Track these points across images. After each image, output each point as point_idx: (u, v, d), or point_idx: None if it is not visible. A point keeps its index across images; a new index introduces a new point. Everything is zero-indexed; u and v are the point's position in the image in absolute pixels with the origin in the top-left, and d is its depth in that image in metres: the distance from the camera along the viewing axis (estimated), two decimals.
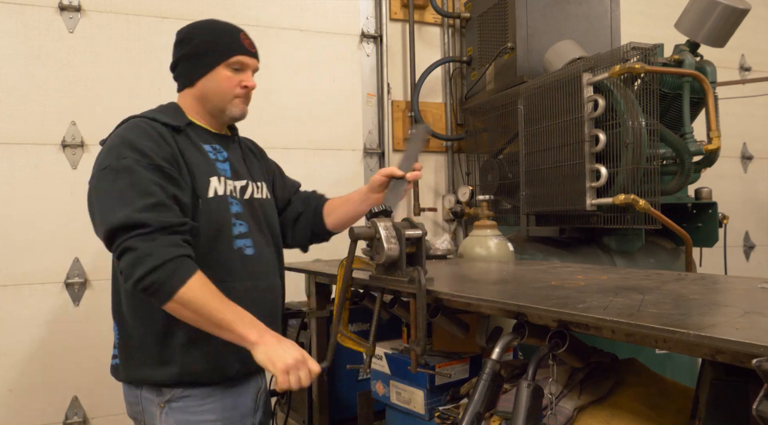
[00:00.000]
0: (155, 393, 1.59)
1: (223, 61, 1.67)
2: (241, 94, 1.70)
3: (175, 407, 1.58)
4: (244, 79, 1.70)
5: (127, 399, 1.68)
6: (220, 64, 1.67)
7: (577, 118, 2.25)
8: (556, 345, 1.17)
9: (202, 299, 1.42)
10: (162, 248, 1.41)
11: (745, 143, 4.11)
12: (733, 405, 1.00)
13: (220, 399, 1.61)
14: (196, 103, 1.71)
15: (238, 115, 1.73)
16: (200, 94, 1.70)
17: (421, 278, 1.39)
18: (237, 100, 1.71)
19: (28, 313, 2.62)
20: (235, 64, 1.68)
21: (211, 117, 1.73)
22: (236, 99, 1.70)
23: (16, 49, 2.64)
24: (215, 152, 1.70)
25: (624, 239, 2.50)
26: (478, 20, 3.22)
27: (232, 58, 1.67)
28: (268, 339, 1.44)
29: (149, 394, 1.60)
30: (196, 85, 1.70)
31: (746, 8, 2.41)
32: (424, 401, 1.67)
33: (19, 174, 2.62)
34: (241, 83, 1.69)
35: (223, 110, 1.70)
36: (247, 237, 1.68)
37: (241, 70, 1.69)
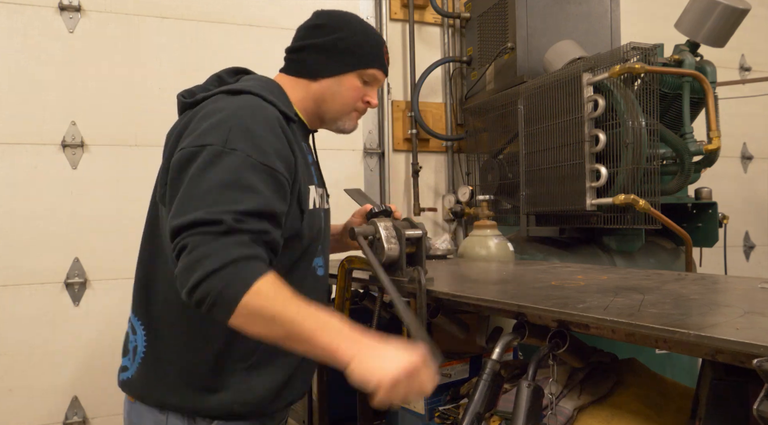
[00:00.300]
0: (188, 421, 1.31)
1: (360, 70, 1.48)
2: (361, 109, 1.54)
3: None
4: (370, 95, 1.53)
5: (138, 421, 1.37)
6: (354, 71, 1.48)
7: (577, 118, 2.25)
8: (556, 345, 1.17)
9: (275, 306, 1.09)
10: (223, 249, 1.11)
11: (745, 143, 4.11)
12: (733, 405, 1.00)
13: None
14: (307, 99, 1.49)
15: (350, 129, 1.55)
16: (318, 93, 1.48)
17: (421, 278, 1.39)
18: (355, 114, 1.54)
19: (28, 313, 2.62)
20: (369, 77, 1.50)
21: (316, 119, 1.53)
22: (355, 113, 1.53)
23: (16, 49, 2.64)
24: (308, 152, 1.49)
25: (624, 239, 2.50)
26: (478, 20, 3.22)
27: (370, 70, 1.50)
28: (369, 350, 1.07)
29: (177, 420, 1.31)
30: (319, 82, 1.47)
31: (746, 8, 2.41)
32: (424, 401, 1.67)
33: (19, 174, 2.62)
34: (365, 98, 1.52)
35: (337, 119, 1.52)
36: (321, 255, 1.47)
37: (370, 85, 1.52)
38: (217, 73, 1.50)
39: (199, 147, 1.22)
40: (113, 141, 2.77)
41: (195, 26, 2.92)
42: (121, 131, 2.77)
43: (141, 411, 1.35)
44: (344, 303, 1.67)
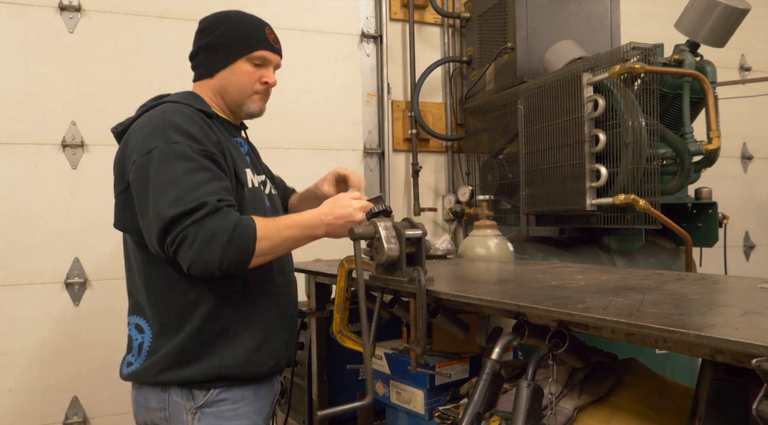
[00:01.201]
0: (186, 396, 1.50)
1: (246, 55, 1.61)
2: (260, 90, 1.65)
3: (208, 412, 1.50)
4: (266, 75, 1.64)
5: (145, 403, 1.55)
6: (242, 58, 1.61)
7: (577, 118, 2.25)
8: (555, 345, 1.17)
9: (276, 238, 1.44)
10: (221, 222, 1.37)
11: (745, 143, 4.11)
12: (733, 405, 1.00)
13: (252, 402, 1.57)
14: (214, 95, 1.65)
15: (256, 111, 1.68)
16: (219, 87, 1.64)
17: (421, 278, 1.39)
18: (256, 97, 1.65)
19: (28, 313, 2.62)
20: (258, 59, 1.62)
21: (227, 110, 1.68)
22: (255, 95, 1.65)
23: (16, 49, 2.64)
24: (239, 145, 1.67)
25: (624, 239, 2.50)
26: (478, 20, 3.22)
27: (255, 53, 1.61)
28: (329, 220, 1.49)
29: (179, 398, 1.50)
30: (215, 77, 1.63)
31: (746, 8, 2.41)
32: (424, 401, 1.67)
33: (19, 174, 2.62)
34: (262, 79, 1.64)
35: (241, 105, 1.65)
36: None
37: (262, 66, 1.64)
38: (143, 103, 1.67)
39: (147, 153, 1.44)
40: (113, 141, 2.74)
41: (195, 26, 2.90)
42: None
43: (146, 393, 1.55)
44: (344, 303, 1.67)
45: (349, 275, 1.66)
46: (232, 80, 1.62)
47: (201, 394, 1.50)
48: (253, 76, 1.63)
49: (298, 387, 2.28)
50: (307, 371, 2.19)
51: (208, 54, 1.64)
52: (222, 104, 1.66)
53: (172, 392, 1.51)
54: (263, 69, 1.64)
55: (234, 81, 1.62)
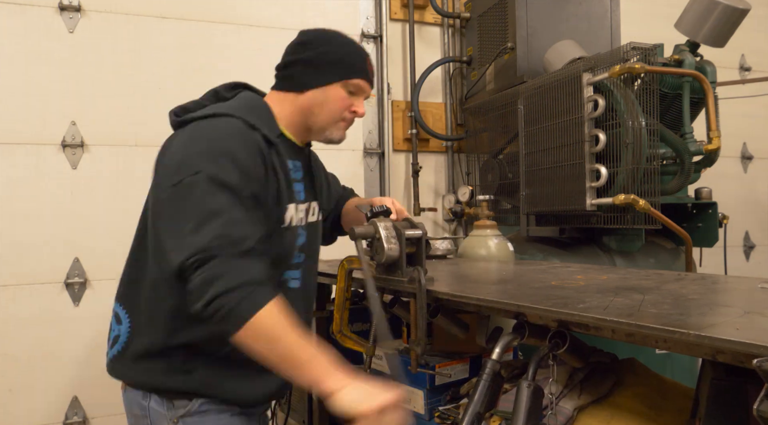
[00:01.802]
0: (166, 406, 1.43)
1: (345, 80, 1.54)
2: (348, 118, 1.59)
3: (189, 422, 1.43)
4: (356, 105, 1.58)
5: (130, 409, 1.50)
6: (339, 82, 1.54)
7: (577, 118, 2.25)
8: (556, 345, 1.17)
9: (277, 330, 1.23)
10: (241, 270, 1.25)
11: (745, 143, 4.11)
12: (733, 405, 1.00)
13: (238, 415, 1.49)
14: (296, 113, 1.56)
15: (337, 139, 1.60)
16: (306, 106, 1.54)
17: (421, 278, 1.39)
18: (342, 124, 1.59)
19: (28, 313, 2.62)
20: (354, 87, 1.56)
21: (305, 131, 1.59)
22: (342, 122, 1.58)
23: (16, 49, 2.64)
24: (295, 170, 1.56)
25: (624, 239, 2.50)
26: (478, 20, 3.22)
27: (353, 80, 1.55)
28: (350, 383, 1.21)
29: (159, 407, 1.44)
30: (306, 94, 1.54)
31: (746, 8, 2.41)
32: (424, 401, 1.67)
33: (19, 174, 2.62)
34: (352, 108, 1.58)
35: (325, 129, 1.57)
36: (298, 268, 1.55)
37: (355, 95, 1.58)
38: (215, 89, 1.59)
39: (193, 175, 1.33)
40: (113, 141, 2.77)
41: (195, 26, 2.92)
42: (121, 131, 2.78)
43: (130, 398, 1.48)
44: (344, 303, 1.67)
45: (349, 275, 1.66)
46: (323, 102, 1.54)
47: (182, 404, 1.43)
48: (345, 102, 1.56)
49: (298, 387, 2.28)
50: None
51: (305, 68, 1.54)
52: (300, 123, 1.57)
53: (152, 400, 1.44)
54: (355, 98, 1.58)
55: (325, 103, 1.54)
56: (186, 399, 1.43)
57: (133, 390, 1.47)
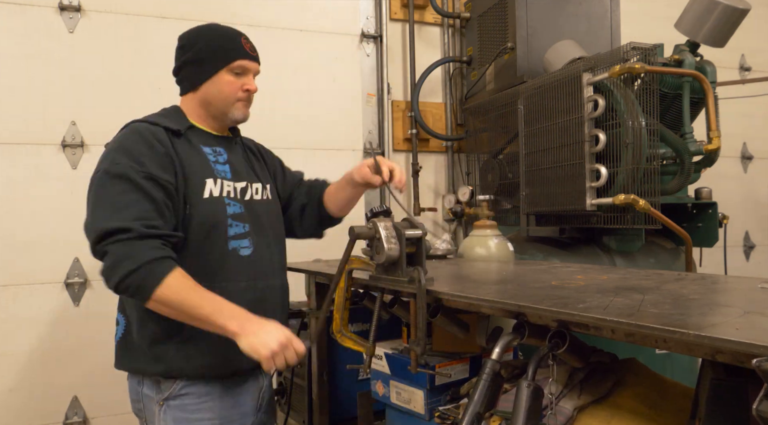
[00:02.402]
0: (155, 390, 1.62)
1: (225, 66, 1.69)
2: (243, 97, 1.73)
3: (173, 405, 1.60)
4: (246, 83, 1.73)
5: (130, 395, 1.70)
6: (222, 69, 1.69)
7: (577, 118, 2.25)
8: (556, 345, 1.17)
9: (180, 296, 1.46)
10: (140, 252, 1.45)
11: (745, 143, 4.11)
12: (733, 405, 1.00)
13: (219, 398, 1.63)
14: (198, 107, 1.74)
15: (240, 118, 1.76)
16: (203, 99, 1.72)
17: (421, 278, 1.39)
18: (239, 104, 1.74)
19: (28, 313, 2.62)
20: (237, 69, 1.71)
21: (213, 120, 1.76)
22: (239, 102, 1.73)
23: (16, 49, 2.64)
24: (215, 154, 1.73)
25: (624, 239, 2.50)
26: (478, 20, 3.22)
27: (233, 63, 1.70)
28: (248, 327, 1.46)
29: (149, 391, 1.63)
30: (199, 90, 1.72)
31: (746, 8, 2.41)
32: (424, 401, 1.67)
33: (19, 174, 2.62)
34: (243, 87, 1.72)
35: (226, 113, 1.73)
36: (244, 238, 1.69)
37: (242, 74, 1.72)
38: None
39: (95, 173, 1.58)
40: None
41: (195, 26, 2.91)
42: None
43: (130, 385, 1.70)
44: (344, 303, 1.67)
45: (349, 275, 1.66)
46: (216, 91, 1.71)
47: (166, 387, 1.61)
48: (234, 85, 1.71)
49: (298, 387, 2.28)
50: (307, 371, 2.19)
51: (190, 69, 1.73)
52: (206, 115, 1.75)
53: (144, 385, 1.64)
54: (243, 77, 1.73)
55: (217, 91, 1.71)
56: (170, 382, 1.60)
57: (131, 377, 1.69)
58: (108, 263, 1.46)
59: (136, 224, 1.46)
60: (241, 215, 1.70)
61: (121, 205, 1.49)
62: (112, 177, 1.52)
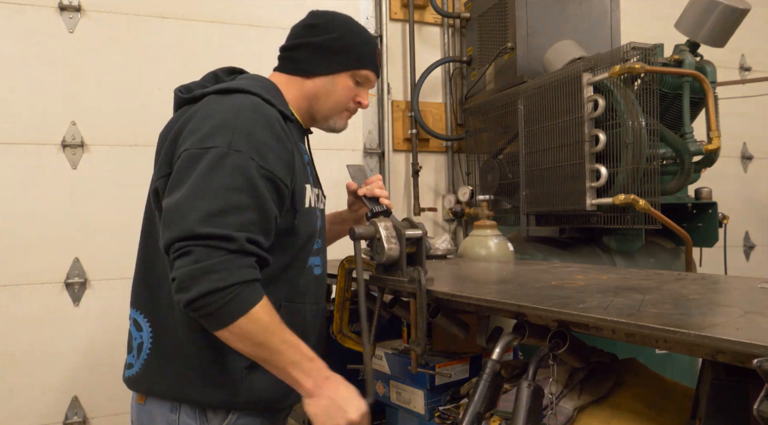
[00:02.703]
0: (200, 419, 1.33)
1: (353, 70, 1.52)
2: (352, 109, 1.58)
3: None
4: (361, 96, 1.57)
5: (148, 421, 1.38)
6: (348, 71, 1.52)
7: (577, 118, 2.25)
8: (556, 345, 1.17)
9: (263, 334, 1.21)
10: (234, 269, 1.18)
11: (745, 143, 4.11)
12: (733, 405, 1.00)
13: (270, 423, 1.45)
14: (301, 97, 1.52)
15: (340, 128, 1.60)
16: (312, 91, 1.52)
17: (421, 278, 1.39)
18: (346, 114, 1.58)
19: (28, 313, 2.62)
20: (362, 78, 1.55)
21: (308, 117, 1.56)
22: (346, 112, 1.58)
23: (16, 49, 2.64)
24: (304, 152, 1.52)
25: (624, 239, 2.50)
26: (478, 20, 3.22)
27: (363, 71, 1.54)
28: (324, 393, 1.26)
29: (190, 419, 1.33)
30: (313, 80, 1.51)
31: (746, 8, 2.41)
32: (424, 401, 1.67)
33: (19, 174, 2.62)
34: (357, 99, 1.57)
35: (329, 118, 1.56)
36: (319, 254, 1.52)
37: (362, 85, 1.56)
38: (214, 71, 1.53)
39: (203, 150, 1.25)
40: (113, 141, 2.77)
41: (195, 26, 2.92)
42: (121, 131, 2.78)
43: (152, 412, 1.37)
44: (344, 303, 1.67)
45: (349, 275, 1.66)
46: (330, 90, 1.52)
47: (217, 417, 1.34)
48: (351, 92, 1.54)
49: None
50: None
51: (314, 54, 1.50)
52: (305, 108, 1.54)
53: (182, 412, 1.33)
54: (361, 89, 1.57)
55: (332, 92, 1.52)
56: (223, 412, 1.34)
57: (157, 402, 1.36)
58: (188, 270, 1.16)
59: (240, 236, 1.20)
60: (322, 229, 1.52)
61: (229, 206, 1.21)
62: (227, 164, 1.23)
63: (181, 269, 1.17)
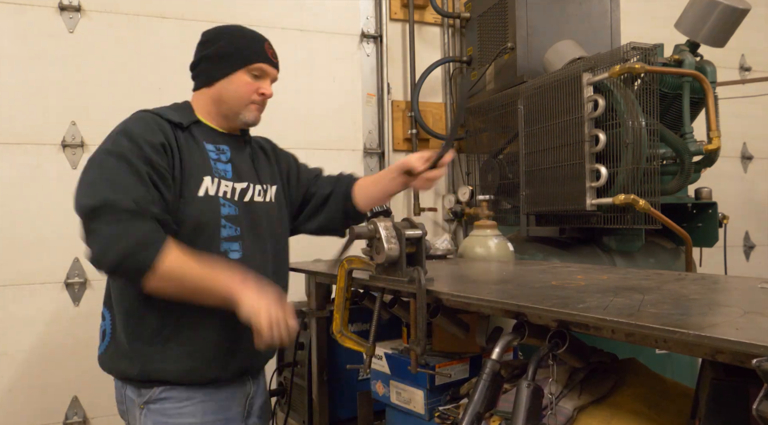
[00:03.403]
0: (136, 393, 1.61)
1: (245, 67, 1.68)
2: (257, 100, 1.72)
3: (153, 409, 1.59)
4: (263, 87, 1.72)
5: (116, 397, 1.69)
6: (241, 69, 1.68)
7: (577, 118, 2.25)
8: (556, 345, 1.17)
9: (182, 267, 1.45)
10: (136, 229, 1.43)
11: (745, 143, 4.11)
12: (733, 405, 1.00)
13: (201, 402, 1.61)
14: (210, 104, 1.72)
15: (251, 120, 1.75)
16: (217, 96, 1.70)
17: (421, 278, 1.39)
18: (252, 106, 1.72)
19: (28, 313, 2.62)
20: (256, 71, 1.70)
21: (223, 119, 1.74)
22: (252, 105, 1.72)
23: (16, 49, 2.64)
24: (218, 152, 1.70)
25: (624, 239, 2.50)
26: (478, 20, 3.22)
27: (253, 65, 1.69)
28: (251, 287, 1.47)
29: (132, 394, 1.62)
30: (214, 86, 1.70)
31: (746, 8, 2.41)
32: (424, 401, 1.67)
33: (19, 174, 2.62)
34: (259, 90, 1.71)
35: (238, 114, 1.72)
36: (236, 241, 1.65)
37: (260, 78, 1.71)
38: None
39: (96, 153, 1.54)
40: None
41: (195, 26, 2.89)
42: None
43: (116, 388, 1.68)
44: (344, 303, 1.67)
45: (349, 275, 1.66)
46: (231, 90, 1.69)
47: (146, 391, 1.59)
48: (251, 86, 1.70)
49: (298, 387, 2.28)
50: (307, 371, 2.19)
51: (208, 64, 1.71)
52: (216, 113, 1.73)
53: (127, 388, 1.63)
54: (261, 81, 1.72)
55: (233, 91, 1.69)
56: (149, 386, 1.59)
57: (116, 381, 1.67)
58: (98, 246, 1.44)
59: (131, 203, 1.44)
60: (235, 218, 1.66)
61: (118, 183, 1.46)
62: (111, 156, 1.50)
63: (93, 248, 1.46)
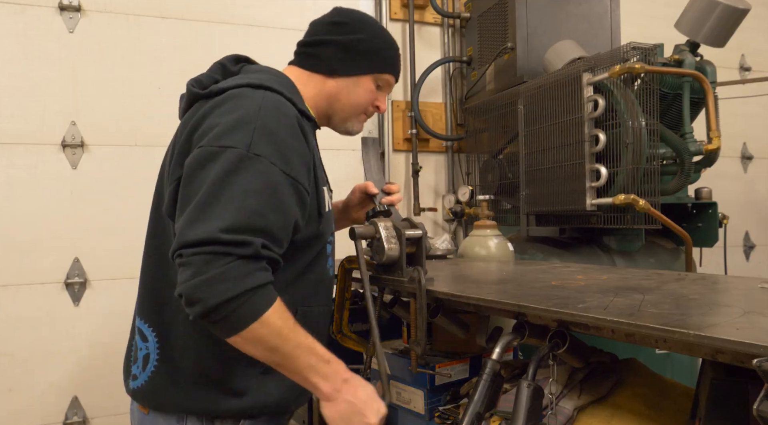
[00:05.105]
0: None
1: (377, 73, 1.49)
2: (370, 113, 1.54)
3: None
4: (380, 100, 1.54)
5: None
6: (372, 74, 1.48)
7: (577, 118, 2.25)
8: (556, 345, 1.17)
9: (277, 338, 1.15)
10: (239, 276, 1.11)
11: (745, 143, 4.11)
12: (733, 405, 1.00)
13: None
14: (320, 96, 1.46)
15: (356, 131, 1.56)
16: (333, 91, 1.46)
17: (421, 278, 1.39)
18: (363, 117, 1.54)
19: (28, 313, 2.62)
20: (383, 82, 1.51)
21: (324, 117, 1.50)
22: (363, 115, 1.54)
23: (16, 49, 2.64)
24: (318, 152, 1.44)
25: (624, 239, 2.50)
26: (478, 20, 3.22)
27: (386, 75, 1.51)
28: (342, 396, 1.22)
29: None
30: (335, 80, 1.46)
31: (746, 8, 2.41)
32: (424, 401, 1.67)
33: (19, 174, 2.62)
34: (375, 103, 1.53)
35: (346, 120, 1.52)
36: (332, 256, 1.48)
37: (382, 89, 1.53)
38: (220, 61, 1.46)
39: (220, 148, 1.18)
40: (113, 141, 2.77)
41: (195, 26, 2.92)
42: (121, 131, 2.78)
43: (156, 423, 1.32)
44: (344, 303, 1.67)
45: (349, 275, 1.66)
46: (351, 92, 1.47)
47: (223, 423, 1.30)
48: (372, 95, 1.50)
49: None
50: None
51: (339, 53, 1.45)
52: (322, 107, 1.48)
53: (189, 422, 1.29)
54: (381, 93, 1.53)
55: (353, 94, 1.47)
56: (231, 421, 1.30)
57: (163, 415, 1.31)
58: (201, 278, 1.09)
59: (257, 241, 1.13)
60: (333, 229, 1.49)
61: (246, 212, 1.14)
62: (249, 167, 1.16)
63: (193, 275, 1.10)
